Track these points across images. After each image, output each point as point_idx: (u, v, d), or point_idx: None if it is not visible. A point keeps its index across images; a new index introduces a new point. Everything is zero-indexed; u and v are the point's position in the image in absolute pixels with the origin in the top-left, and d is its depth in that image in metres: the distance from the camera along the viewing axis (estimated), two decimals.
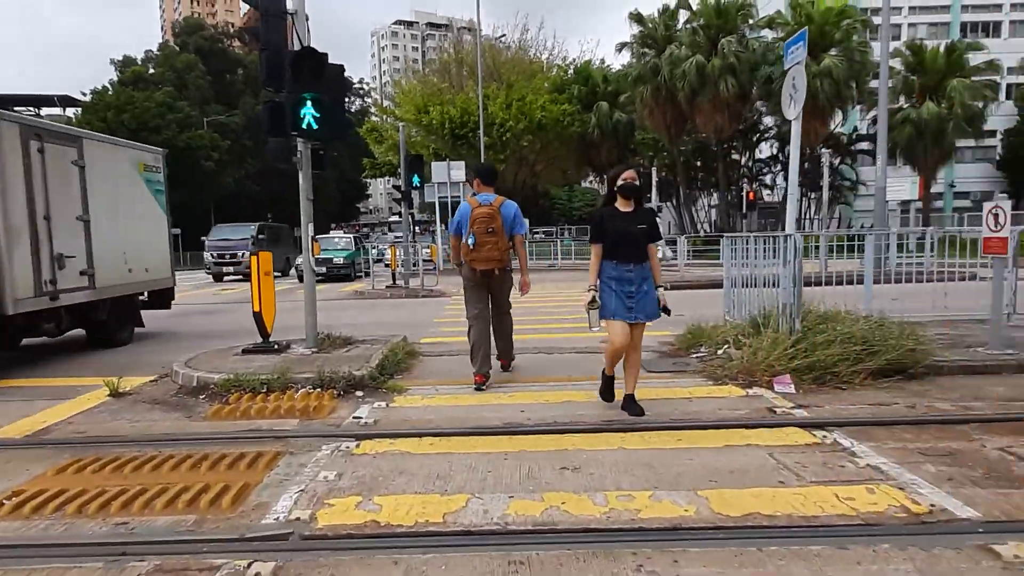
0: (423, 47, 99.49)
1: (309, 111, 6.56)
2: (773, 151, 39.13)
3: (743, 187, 36.31)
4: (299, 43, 6.87)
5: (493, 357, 6.20)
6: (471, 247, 5.68)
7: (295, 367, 6.18)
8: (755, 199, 33.29)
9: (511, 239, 5.84)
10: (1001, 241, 6.18)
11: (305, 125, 6.58)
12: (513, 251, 5.93)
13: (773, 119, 35.24)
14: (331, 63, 6.70)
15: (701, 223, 38.88)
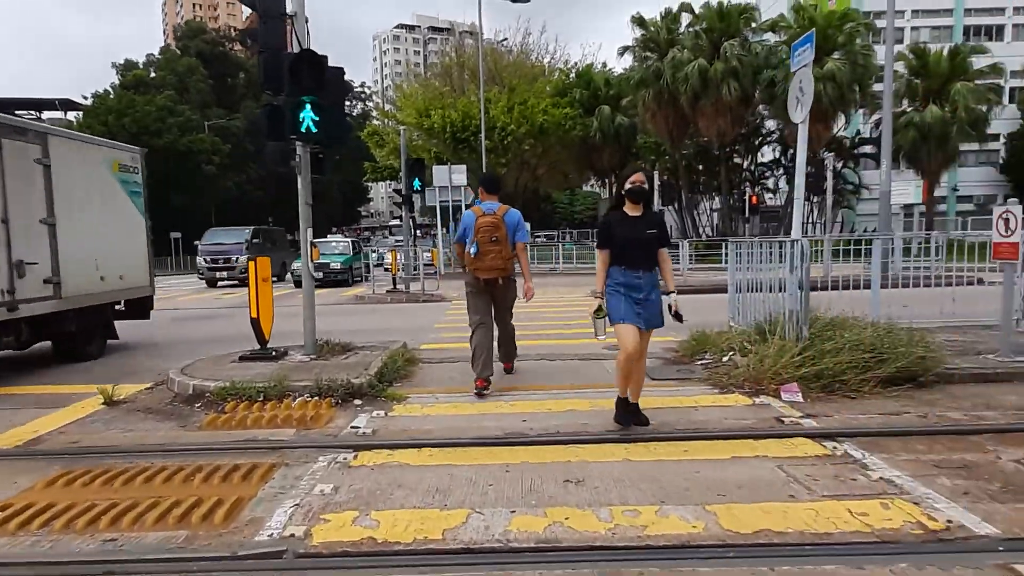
0: (425, 51, 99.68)
1: (308, 114, 6.49)
2: (775, 155, 38.98)
3: (745, 191, 36.14)
4: (298, 46, 6.79)
5: (496, 361, 6.15)
6: (474, 256, 5.65)
7: (293, 375, 6.08)
8: (757, 203, 33.11)
9: (513, 247, 5.80)
10: (1012, 246, 6.07)
11: (304, 129, 6.51)
12: (516, 258, 5.89)
13: (775, 123, 35.10)
14: (331, 66, 6.63)
15: (703, 227, 38.70)
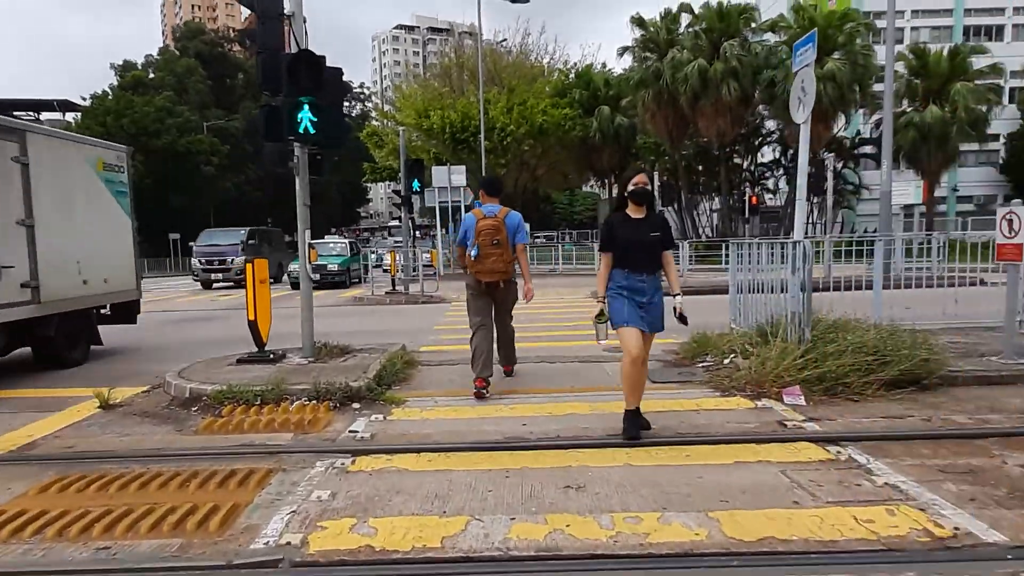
0: (424, 52, 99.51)
1: (306, 115, 6.45)
2: (775, 155, 38.93)
3: (745, 191, 36.05)
4: (296, 46, 6.74)
5: (496, 364, 6.11)
6: (475, 259, 5.63)
7: (290, 378, 6.02)
8: (757, 203, 33.04)
9: (513, 249, 5.78)
10: (1015, 248, 6.02)
11: (302, 129, 6.47)
12: (516, 260, 5.87)
13: (775, 123, 35.04)
14: (329, 66, 6.60)
15: (703, 228, 38.63)
